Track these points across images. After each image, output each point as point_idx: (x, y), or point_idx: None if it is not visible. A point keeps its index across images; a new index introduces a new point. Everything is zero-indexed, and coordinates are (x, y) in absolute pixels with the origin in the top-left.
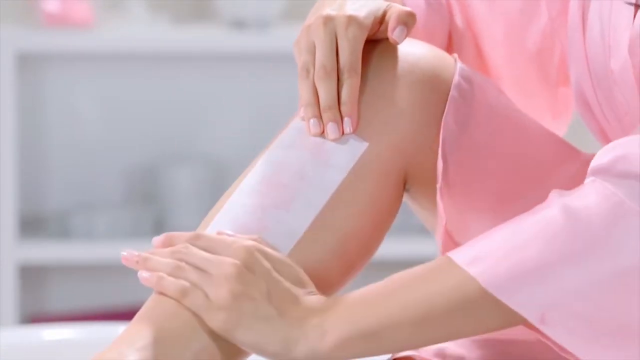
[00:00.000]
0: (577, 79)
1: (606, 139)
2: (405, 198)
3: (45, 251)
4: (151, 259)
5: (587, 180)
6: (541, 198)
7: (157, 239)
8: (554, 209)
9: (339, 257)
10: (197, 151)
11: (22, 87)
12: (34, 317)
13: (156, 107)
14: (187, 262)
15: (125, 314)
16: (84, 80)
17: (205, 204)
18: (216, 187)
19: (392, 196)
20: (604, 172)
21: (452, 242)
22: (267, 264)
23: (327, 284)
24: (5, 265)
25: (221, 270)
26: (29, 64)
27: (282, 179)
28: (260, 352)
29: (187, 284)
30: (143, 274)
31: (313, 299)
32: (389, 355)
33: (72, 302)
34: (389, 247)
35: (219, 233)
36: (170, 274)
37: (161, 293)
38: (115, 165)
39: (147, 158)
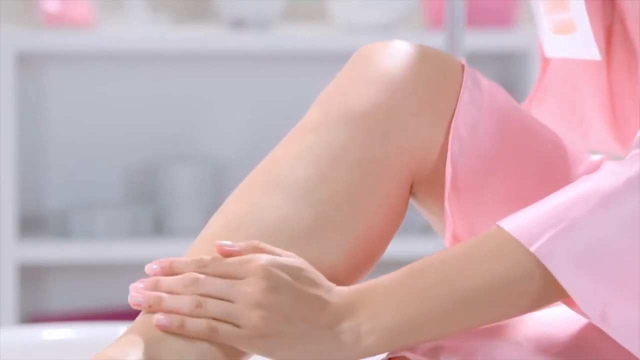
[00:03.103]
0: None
1: None
2: (412, 202)
3: (45, 251)
4: (165, 300)
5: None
6: None
7: (154, 268)
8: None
9: (347, 257)
10: (197, 151)
11: (22, 87)
12: (33, 316)
13: (156, 107)
14: (204, 294)
15: (125, 314)
16: (84, 80)
17: (205, 203)
18: (216, 186)
19: (399, 197)
20: None
21: None
22: (286, 277)
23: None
24: (5, 265)
25: (246, 298)
26: (29, 64)
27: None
28: None
29: (212, 322)
30: (161, 321)
31: (336, 299)
32: (383, 355)
33: (71, 302)
34: (389, 247)
35: (218, 247)
36: (191, 314)
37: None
38: (115, 164)
39: (147, 157)
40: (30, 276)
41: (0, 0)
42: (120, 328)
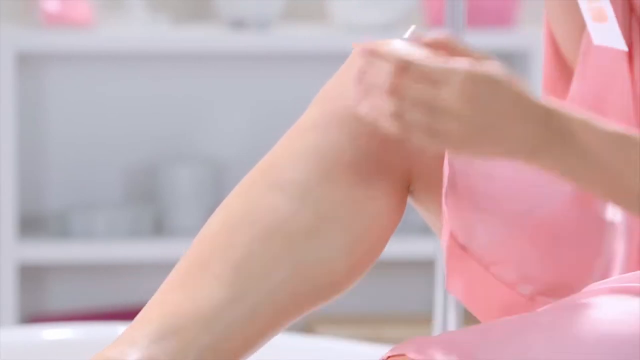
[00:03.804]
0: None
1: None
2: (410, 201)
3: (45, 251)
4: (374, 94)
5: None
6: (547, 199)
7: (362, 48)
8: None
9: (346, 256)
10: (197, 151)
11: (22, 87)
12: (33, 316)
13: (156, 107)
14: (409, 101)
15: (125, 314)
16: (84, 80)
17: (205, 203)
18: (216, 186)
19: (397, 197)
20: None
21: (456, 245)
22: (486, 88)
23: (332, 284)
24: (5, 265)
25: (445, 109)
26: (29, 64)
27: None
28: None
29: (408, 130)
30: (364, 108)
31: (532, 120)
32: (382, 354)
33: (71, 302)
34: (389, 247)
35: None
36: (394, 115)
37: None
38: (115, 164)
39: (146, 157)
40: (30, 276)
41: (1, 0)
42: (120, 328)
